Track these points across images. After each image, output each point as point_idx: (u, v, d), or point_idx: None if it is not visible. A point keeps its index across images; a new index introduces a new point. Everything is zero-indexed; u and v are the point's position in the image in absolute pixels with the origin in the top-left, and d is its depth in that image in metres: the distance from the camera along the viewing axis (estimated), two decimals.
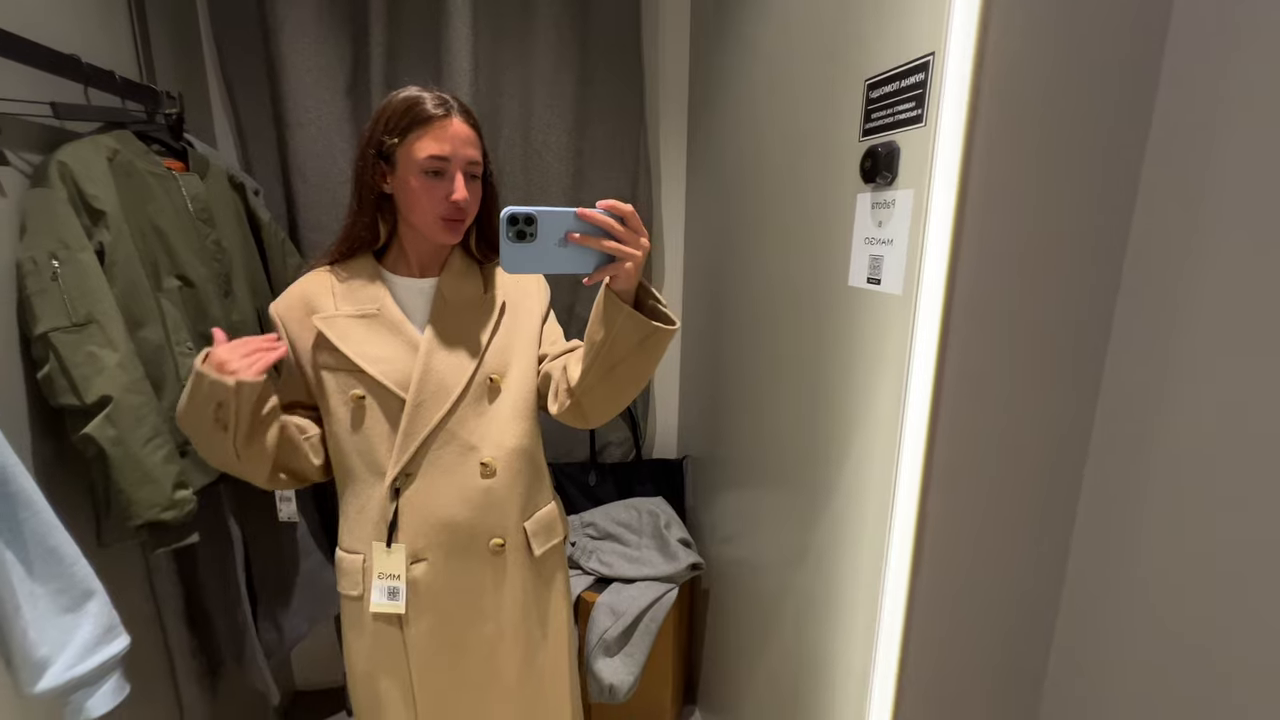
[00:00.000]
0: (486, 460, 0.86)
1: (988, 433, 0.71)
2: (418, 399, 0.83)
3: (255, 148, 1.42)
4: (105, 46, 1.06)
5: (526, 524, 0.92)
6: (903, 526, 0.73)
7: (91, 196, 0.86)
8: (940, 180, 0.66)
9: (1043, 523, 0.76)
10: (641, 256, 0.70)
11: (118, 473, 0.82)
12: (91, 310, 0.83)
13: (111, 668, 0.71)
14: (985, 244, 0.64)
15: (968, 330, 0.66)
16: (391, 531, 0.85)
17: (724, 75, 1.32)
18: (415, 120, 0.78)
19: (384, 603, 0.86)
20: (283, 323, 0.85)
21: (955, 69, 0.63)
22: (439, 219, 0.80)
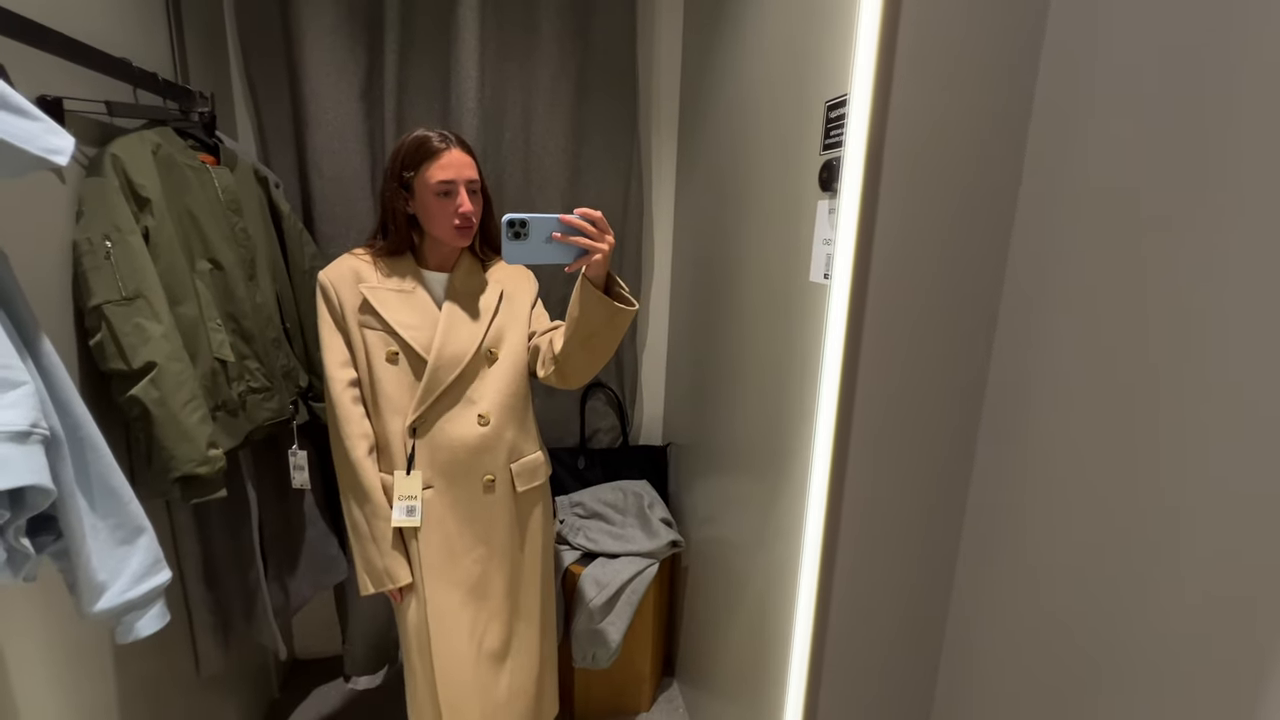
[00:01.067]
0: (483, 413, 1.11)
1: (890, 414, 0.85)
2: (437, 363, 1.07)
3: (275, 144, 1.53)
4: (148, 49, 1.16)
5: (513, 466, 1.16)
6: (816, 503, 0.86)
7: (139, 185, 0.97)
8: (847, 193, 0.81)
9: (941, 490, 0.90)
10: (608, 250, 0.94)
11: (160, 430, 0.92)
12: (139, 286, 0.93)
13: (157, 595, 0.81)
14: (884, 246, 0.80)
15: (873, 318, 0.81)
16: (410, 461, 1.09)
17: (710, 90, 1.44)
18: (425, 155, 1.01)
19: (404, 518, 1.09)
20: (333, 286, 1.07)
21: (856, 105, 0.77)
22: (452, 227, 1.05)
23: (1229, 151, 0.59)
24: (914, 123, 0.76)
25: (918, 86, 0.75)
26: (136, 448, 0.98)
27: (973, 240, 0.82)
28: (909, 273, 0.81)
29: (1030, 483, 0.83)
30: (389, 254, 1.10)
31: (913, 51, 0.74)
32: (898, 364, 0.84)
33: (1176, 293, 0.64)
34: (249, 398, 1.17)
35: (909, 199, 0.79)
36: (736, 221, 1.29)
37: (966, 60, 0.76)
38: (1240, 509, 0.58)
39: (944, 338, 0.84)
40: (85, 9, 0.99)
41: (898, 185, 0.78)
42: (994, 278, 0.83)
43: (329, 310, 1.08)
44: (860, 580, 0.91)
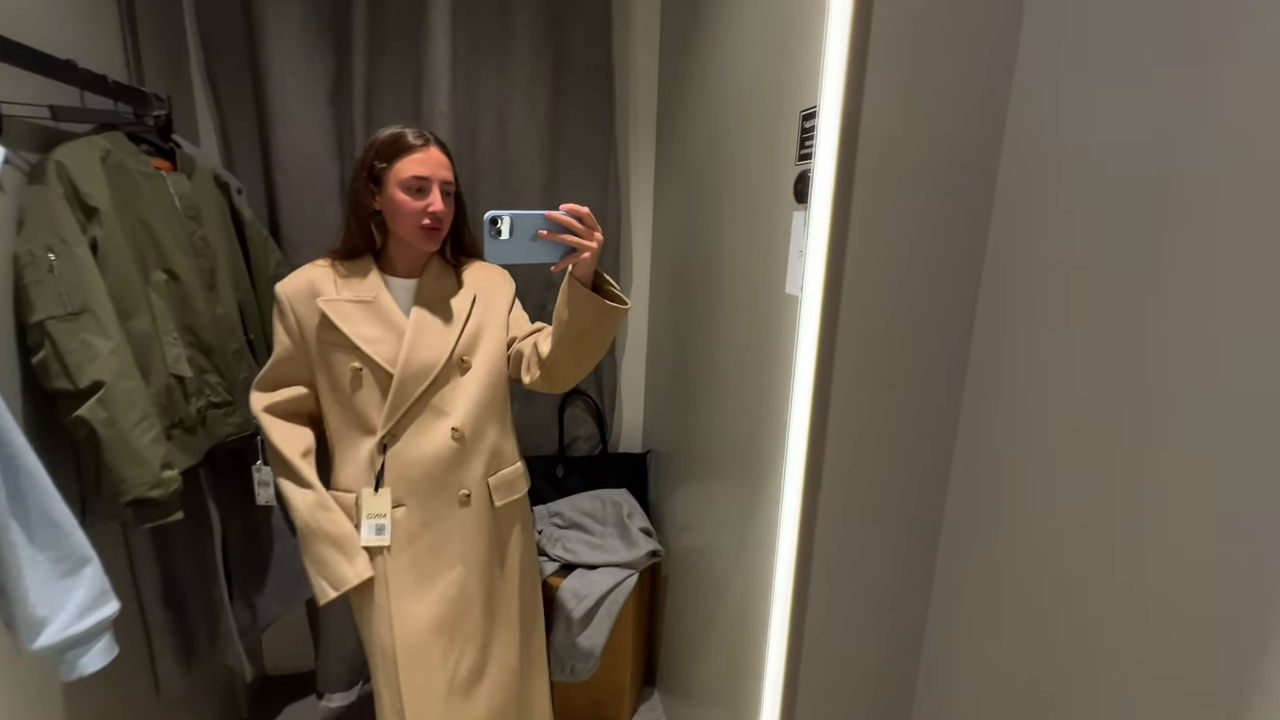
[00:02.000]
0: (456, 426, 1.04)
1: (863, 427, 0.84)
2: (403, 375, 1.00)
3: (238, 148, 1.48)
4: (97, 48, 1.11)
5: (490, 479, 1.10)
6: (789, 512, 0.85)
7: (86, 194, 0.92)
8: (816, 205, 0.79)
9: (916, 501, 0.89)
10: (596, 248, 0.89)
11: (109, 453, 0.88)
12: (85, 300, 0.88)
13: (103, 629, 0.77)
14: (856, 258, 0.79)
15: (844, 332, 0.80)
16: (379, 479, 1.03)
17: (687, 95, 1.42)
18: (401, 148, 0.96)
19: (373, 538, 1.03)
20: (289, 301, 1.01)
21: (825, 117, 0.76)
22: (419, 227, 0.98)
23: (1212, 165, 0.58)
24: (885, 133, 0.75)
25: (888, 96, 0.73)
26: (86, 471, 0.94)
27: (946, 253, 0.81)
28: (880, 286, 0.80)
29: (1006, 494, 0.82)
30: (348, 256, 1.03)
31: (883, 59, 0.72)
32: (870, 375, 0.83)
33: (1151, 313, 0.63)
34: (209, 413, 1.12)
35: (879, 211, 0.77)
36: (714, 230, 1.27)
37: (939, 66, 0.75)
38: (1228, 517, 0.57)
39: (917, 351, 0.83)
40: (27, 8, 0.94)
41: (868, 197, 0.76)
42: (968, 291, 0.82)
43: (284, 328, 1.03)
44: (836, 590, 0.90)
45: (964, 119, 0.77)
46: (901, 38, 0.73)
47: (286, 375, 1.05)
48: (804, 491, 0.84)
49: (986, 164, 0.79)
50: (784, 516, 0.88)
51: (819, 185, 0.77)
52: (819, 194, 0.78)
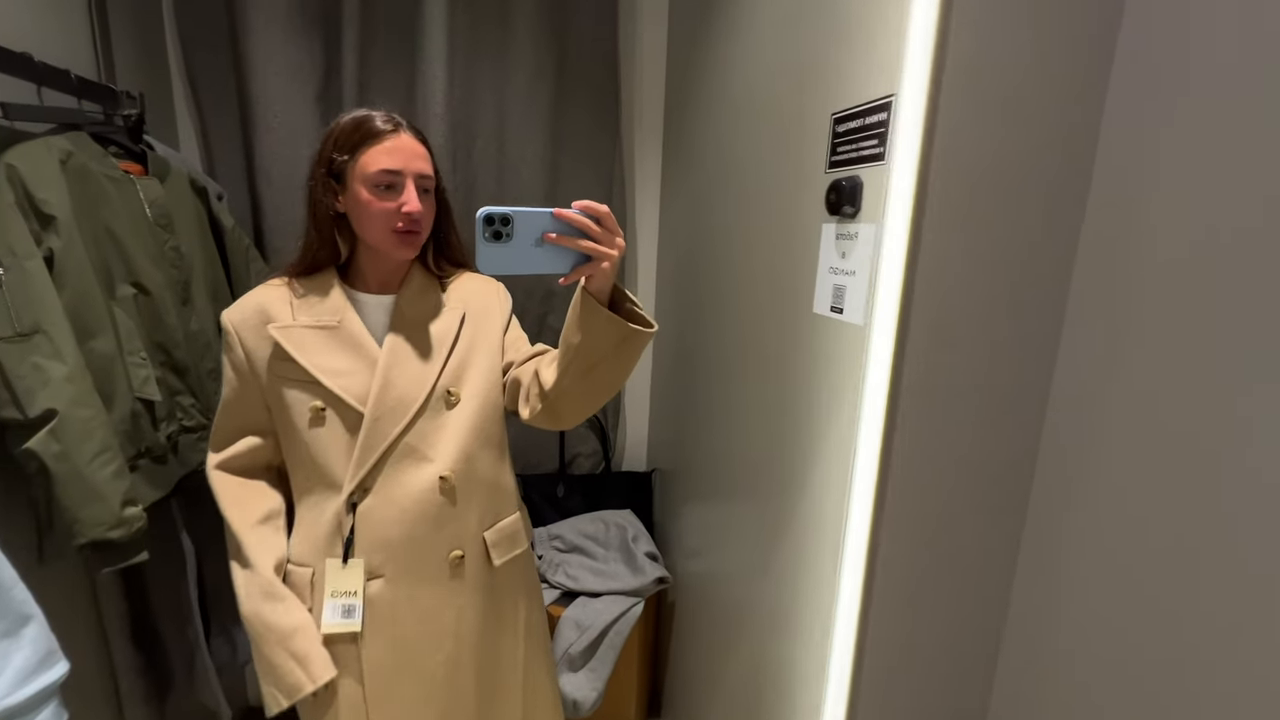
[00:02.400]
0: (445, 474, 0.85)
1: (938, 461, 0.73)
2: (376, 413, 0.82)
3: (220, 151, 1.39)
4: (61, 44, 1.02)
5: (486, 534, 0.91)
6: (854, 553, 0.75)
7: (41, 201, 0.83)
8: (896, 218, 0.69)
9: (988, 548, 0.79)
10: (617, 256, 0.71)
11: (62, 490, 0.79)
12: (38, 320, 0.80)
13: (48, 695, 0.68)
14: (937, 280, 0.67)
15: (919, 362, 0.69)
16: (347, 547, 0.83)
17: (698, 96, 1.34)
18: (365, 136, 0.78)
19: (337, 622, 0.82)
20: (236, 332, 0.83)
21: (909, 113, 0.66)
22: (392, 232, 0.80)
23: None
24: (966, 141, 0.64)
25: (972, 98, 0.64)
26: (39, 507, 0.85)
27: (1030, 273, 0.71)
28: (957, 308, 0.69)
29: (1091, 528, 0.73)
30: (308, 271, 0.85)
31: (968, 59, 0.62)
32: (944, 403, 0.72)
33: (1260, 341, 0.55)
34: (181, 439, 1.03)
35: (960, 228, 0.67)
36: (728, 241, 1.19)
37: (1027, 71, 0.65)
38: None
39: (994, 375, 0.73)
40: None
41: (947, 212, 0.66)
42: (1056, 304, 0.72)
43: (232, 363, 0.84)
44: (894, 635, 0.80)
45: (1055, 128, 0.68)
46: (988, 34, 0.64)
47: (240, 423, 0.87)
48: (871, 523, 0.73)
49: (1077, 179, 0.70)
50: (849, 546, 0.78)
51: (895, 199, 0.67)
52: (895, 208, 0.67)
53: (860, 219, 0.75)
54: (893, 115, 0.69)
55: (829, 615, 0.83)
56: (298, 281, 0.85)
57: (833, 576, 0.82)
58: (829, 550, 0.83)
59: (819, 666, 0.85)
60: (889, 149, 0.70)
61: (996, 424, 0.74)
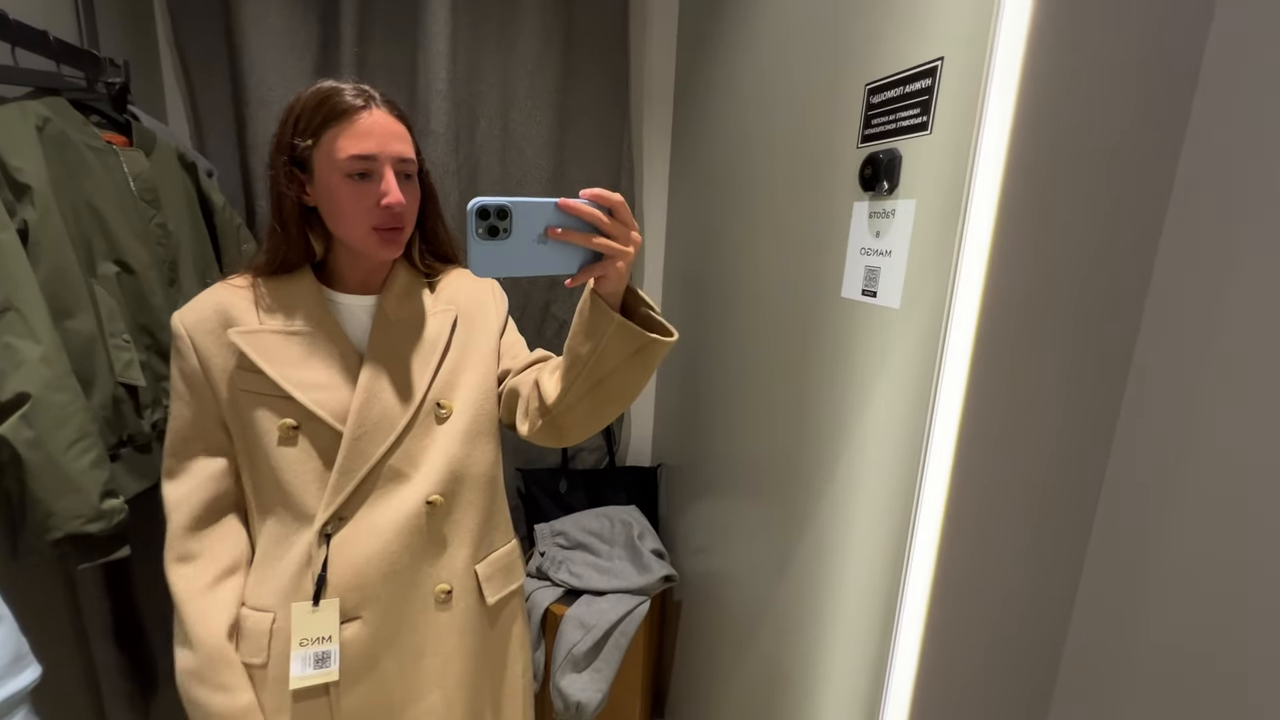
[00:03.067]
0: (433, 498, 0.75)
1: (1011, 457, 0.67)
2: (357, 431, 0.72)
3: (210, 126, 1.33)
4: (39, 4, 0.96)
5: (479, 567, 0.81)
6: (923, 553, 0.69)
7: (15, 169, 0.77)
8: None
9: (1056, 555, 0.73)
10: (632, 254, 0.62)
11: (34, 480, 0.73)
12: (10, 296, 0.74)
13: (18, 702, 0.62)
14: (1007, 259, 0.60)
15: (984, 348, 0.63)
16: (320, 586, 0.71)
17: (713, 71, 1.28)
18: (330, 116, 0.66)
19: (309, 673, 0.71)
20: (190, 337, 0.71)
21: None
22: (372, 230, 0.69)
23: None
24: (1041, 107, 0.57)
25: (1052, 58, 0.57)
26: (11, 499, 0.79)
27: (1114, 245, 0.64)
28: (1031, 286, 0.62)
29: (1168, 547, 0.69)
30: (275, 271, 0.73)
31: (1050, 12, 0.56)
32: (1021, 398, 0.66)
33: None
34: None
35: (1042, 207, 0.60)
36: (743, 223, 1.14)
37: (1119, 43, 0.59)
38: None
39: (1071, 364, 0.67)
40: None
41: (1030, 189, 0.59)
42: (1137, 289, 0.66)
43: (183, 374, 0.72)
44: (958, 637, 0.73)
45: (1142, 102, 0.61)
46: None
47: (195, 446, 0.74)
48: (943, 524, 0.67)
49: (1164, 159, 0.63)
50: (917, 545, 0.71)
51: (983, 176, 0.59)
52: (982, 186, 0.59)
53: (898, 195, 0.71)
54: (939, 81, 0.64)
55: (860, 622, 0.78)
56: (264, 281, 0.74)
57: (866, 580, 0.77)
58: (857, 551, 0.79)
59: (845, 672, 0.81)
60: (933, 118, 0.65)
61: (1067, 418, 0.68)
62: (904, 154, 0.69)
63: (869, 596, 0.76)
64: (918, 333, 0.67)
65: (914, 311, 0.68)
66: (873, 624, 0.75)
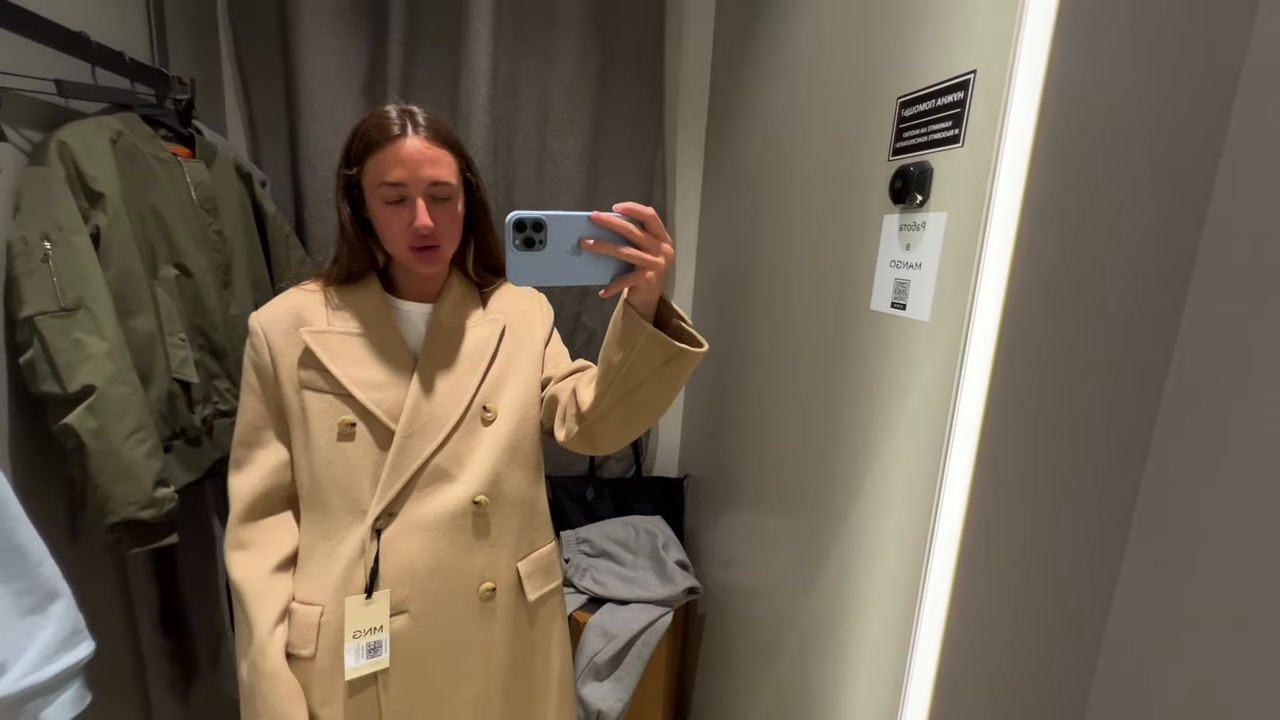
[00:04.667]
0: (479, 498, 0.79)
1: (1033, 471, 0.66)
2: (408, 430, 0.76)
3: (266, 139, 1.40)
4: (118, 27, 1.04)
5: (520, 565, 0.85)
6: (940, 568, 0.68)
7: (90, 178, 0.83)
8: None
9: (1087, 578, 0.71)
10: (664, 265, 0.64)
11: (96, 467, 0.78)
12: (82, 295, 0.79)
13: (72, 675, 0.66)
14: (1033, 272, 0.60)
15: (1012, 361, 0.62)
16: (372, 579, 0.75)
17: (746, 86, 1.30)
18: (370, 145, 0.72)
19: (363, 664, 0.74)
20: (265, 334, 0.76)
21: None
22: (407, 249, 0.75)
23: None
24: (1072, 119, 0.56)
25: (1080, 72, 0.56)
26: (75, 484, 0.84)
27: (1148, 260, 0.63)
28: (1059, 298, 0.61)
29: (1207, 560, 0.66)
30: (344, 279, 0.79)
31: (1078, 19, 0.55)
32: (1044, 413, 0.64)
33: None
34: (216, 422, 1.03)
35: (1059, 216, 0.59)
36: (774, 236, 1.14)
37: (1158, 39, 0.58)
38: None
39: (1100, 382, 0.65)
40: None
41: (1044, 198, 0.58)
42: (1173, 302, 0.64)
43: (256, 368, 0.77)
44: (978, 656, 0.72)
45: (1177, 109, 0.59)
46: None
47: (263, 436, 0.78)
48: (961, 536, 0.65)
49: (1201, 167, 0.62)
50: (934, 564, 0.70)
51: (1006, 182, 0.59)
52: (1004, 193, 0.60)
53: (929, 208, 0.70)
54: (971, 93, 0.64)
55: (885, 639, 0.77)
56: (334, 290, 0.80)
57: (889, 596, 0.76)
58: (883, 567, 0.77)
59: (873, 691, 0.79)
60: (965, 131, 0.65)
61: (1099, 433, 0.66)
62: (935, 167, 0.69)
63: (897, 615, 0.75)
64: (948, 346, 0.66)
65: (944, 324, 0.67)
66: (900, 643, 0.74)
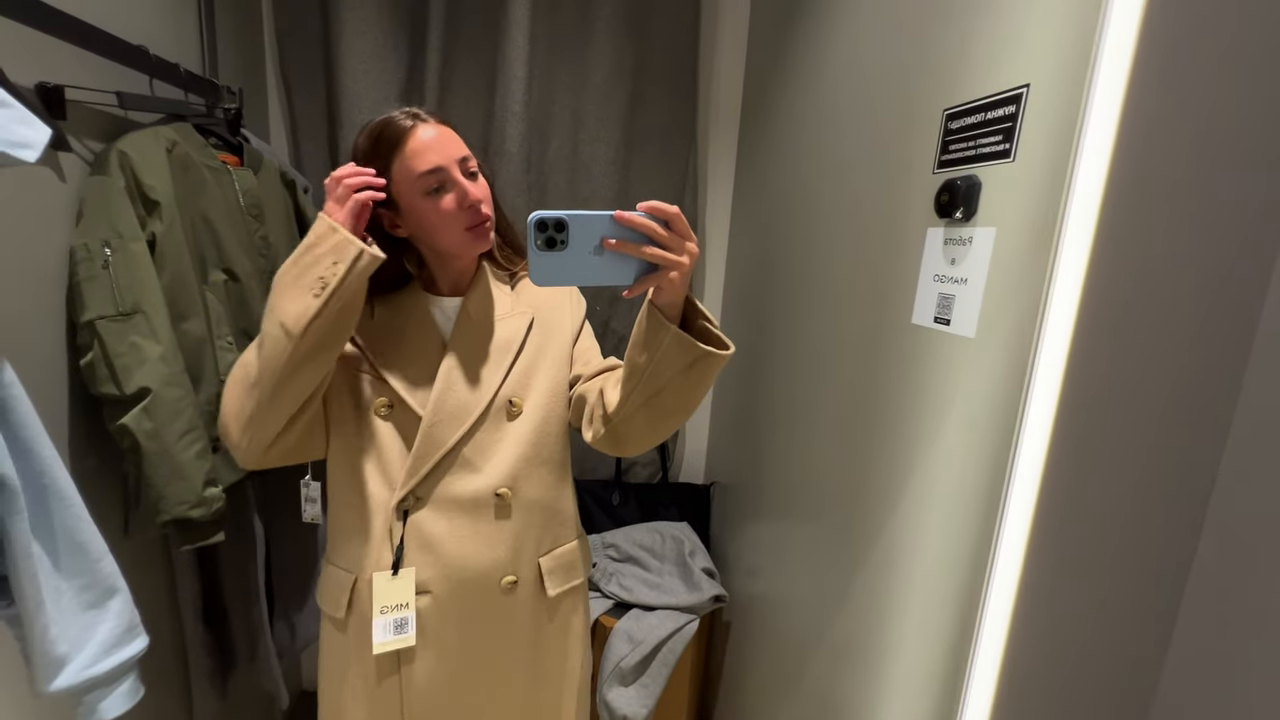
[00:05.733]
0: (502, 491, 0.80)
1: (1102, 483, 0.63)
2: (433, 419, 0.77)
3: (307, 145, 1.44)
4: (172, 38, 1.07)
5: (542, 560, 0.85)
6: (1002, 582, 0.66)
7: (148, 187, 0.86)
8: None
9: (1149, 610, 0.69)
10: (689, 265, 0.63)
11: (150, 466, 0.81)
12: (139, 300, 0.82)
13: (129, 668, 0.69)
14: (1106, 288, 0.57)
15: (1083, 376, 0.59)
16: (398, 556, 0.78)
17: (781, 96, 1.29)
18: (391, 145, 0.71)
19: (391, 639, 0.76)
20: None
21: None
22: (464, 232, 0.75)
23: None
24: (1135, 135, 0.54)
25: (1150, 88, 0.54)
26: (129, 483, 0.87)
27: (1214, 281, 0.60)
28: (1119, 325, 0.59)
29: None
30: (386, 289, 0.81)
31: None
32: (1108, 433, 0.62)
33: None
34: None
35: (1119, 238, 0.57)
36: (808, 244, 1.13)
37: None
38: None
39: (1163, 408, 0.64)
40: None
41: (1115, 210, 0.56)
42: (1246, 324, 0.63)
43: None
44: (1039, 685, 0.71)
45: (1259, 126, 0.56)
46: None
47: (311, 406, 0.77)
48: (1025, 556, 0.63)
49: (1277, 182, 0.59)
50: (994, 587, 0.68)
51: (1080, 197, 0.57)
52: (1078, 208, 0.57)
53: (976, 223, 0.69)
54: (1024, 108, 0.63)
55: (935, 658, 0.75)
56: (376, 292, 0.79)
57: (928, 612, 0.75)
58: (921, 584, 0.76)
59: (907, 711, 0.78)
60: (1017, 145, 0.64)
61: (1166, 454, 0.63)
62: (984, 181, 0.68)
63: (932, 636, 0.74)
64: (994, 362, 0.65)
65: (991, 340, 0.66)
66: (935, 666, 0.73)
